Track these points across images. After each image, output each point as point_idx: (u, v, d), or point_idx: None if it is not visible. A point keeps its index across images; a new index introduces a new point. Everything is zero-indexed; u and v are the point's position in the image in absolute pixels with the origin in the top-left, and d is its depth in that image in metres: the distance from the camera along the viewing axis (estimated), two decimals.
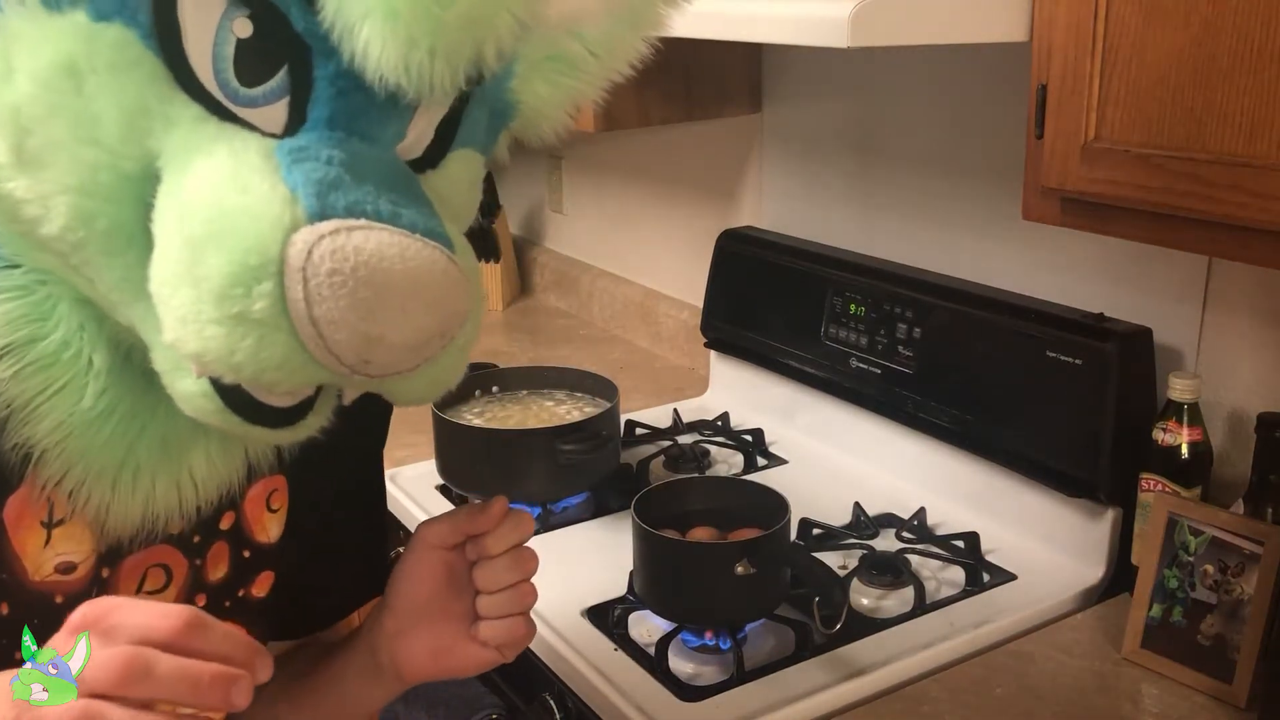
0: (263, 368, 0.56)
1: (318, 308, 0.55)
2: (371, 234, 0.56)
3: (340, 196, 0.56)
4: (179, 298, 0.56)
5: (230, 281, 0.54)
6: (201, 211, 0.56)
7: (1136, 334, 1.31)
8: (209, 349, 0.56)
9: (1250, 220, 0.89)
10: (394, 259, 0.56)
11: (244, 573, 0.79)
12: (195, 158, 0.57)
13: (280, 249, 0.54)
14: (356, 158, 0.59)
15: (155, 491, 0.69)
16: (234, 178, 0.56)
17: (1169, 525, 1.17)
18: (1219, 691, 1.12)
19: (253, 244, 0.54)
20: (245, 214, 0.55)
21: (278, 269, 0.54)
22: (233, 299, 0.54)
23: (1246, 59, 0.87)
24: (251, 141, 0.58)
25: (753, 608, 1.24)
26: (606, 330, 2.39)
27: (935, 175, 1.59)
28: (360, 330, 0.56)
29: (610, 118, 1.72)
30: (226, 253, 0.54)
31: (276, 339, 0.55)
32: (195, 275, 0.55)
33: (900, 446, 1.57)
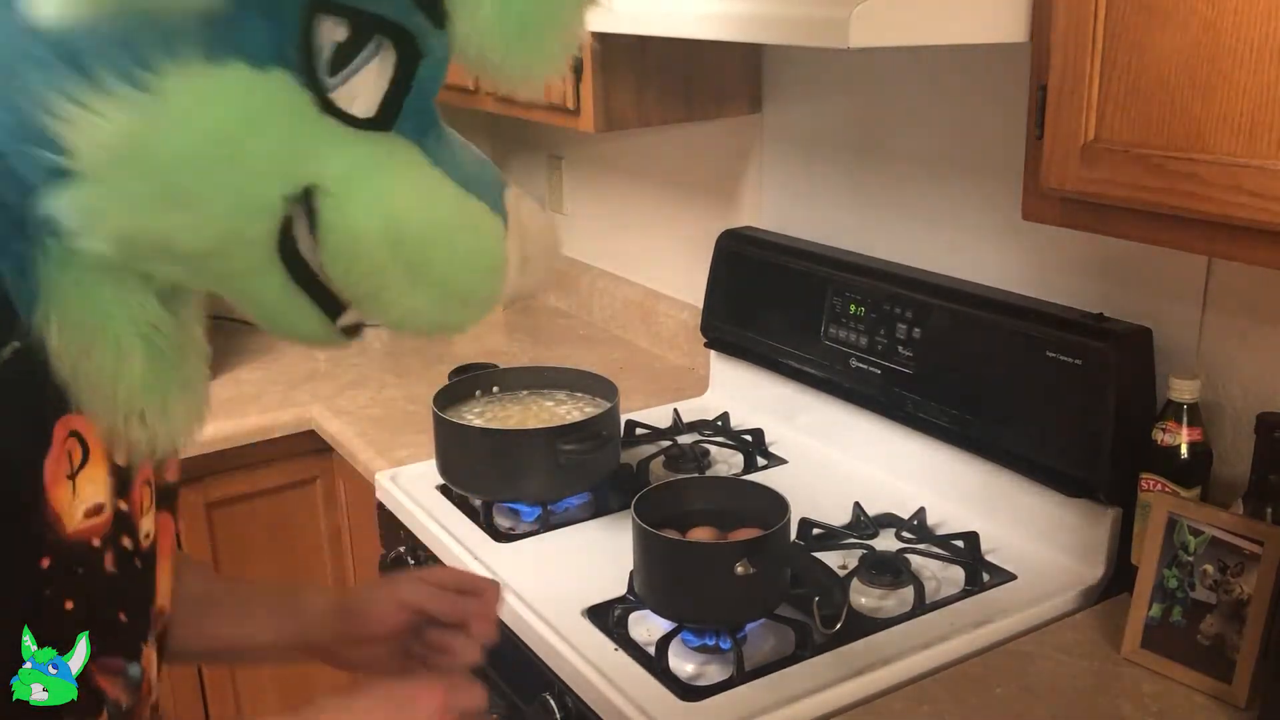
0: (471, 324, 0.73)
1: (526, 281, 0.74)
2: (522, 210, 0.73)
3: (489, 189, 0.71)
4: (414, 298, 0.68)
5: (490, 294, 0.72)
6: (434, 230, 0.68)
7: (1136, 334, 1.31)
8: (442, 329, 0.72)
9: (1250, 220, 0.89)
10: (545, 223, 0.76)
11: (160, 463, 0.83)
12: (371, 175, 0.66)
13: (503, 252, 0.71)
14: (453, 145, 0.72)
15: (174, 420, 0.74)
16: (436, 195, 0.68)
17: (1169, 525, 1.17)
18: (1218, 691, 1.12)
19: (495, 261, 0.71)
20: (477, 231, 0.70)
21: (504, 265, 0.72)
22: (478, 297, 0.71)
23: (1246, 59, 0.87)
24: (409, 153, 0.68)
25: (753, 608, 1.24)
26: (606, 330, 2.39)
27: (935, 175, 1.59)
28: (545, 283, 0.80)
29: (610, 118, 1.72)
30: (479, 268, 0.70)
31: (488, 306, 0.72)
32: (444, 289, 0.69)
33: (900, 446, 1.57)
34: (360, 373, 2.15)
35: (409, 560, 1.58)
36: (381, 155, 0.66)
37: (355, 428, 1.88)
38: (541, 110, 1.82)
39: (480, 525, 1.52)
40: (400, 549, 1.60)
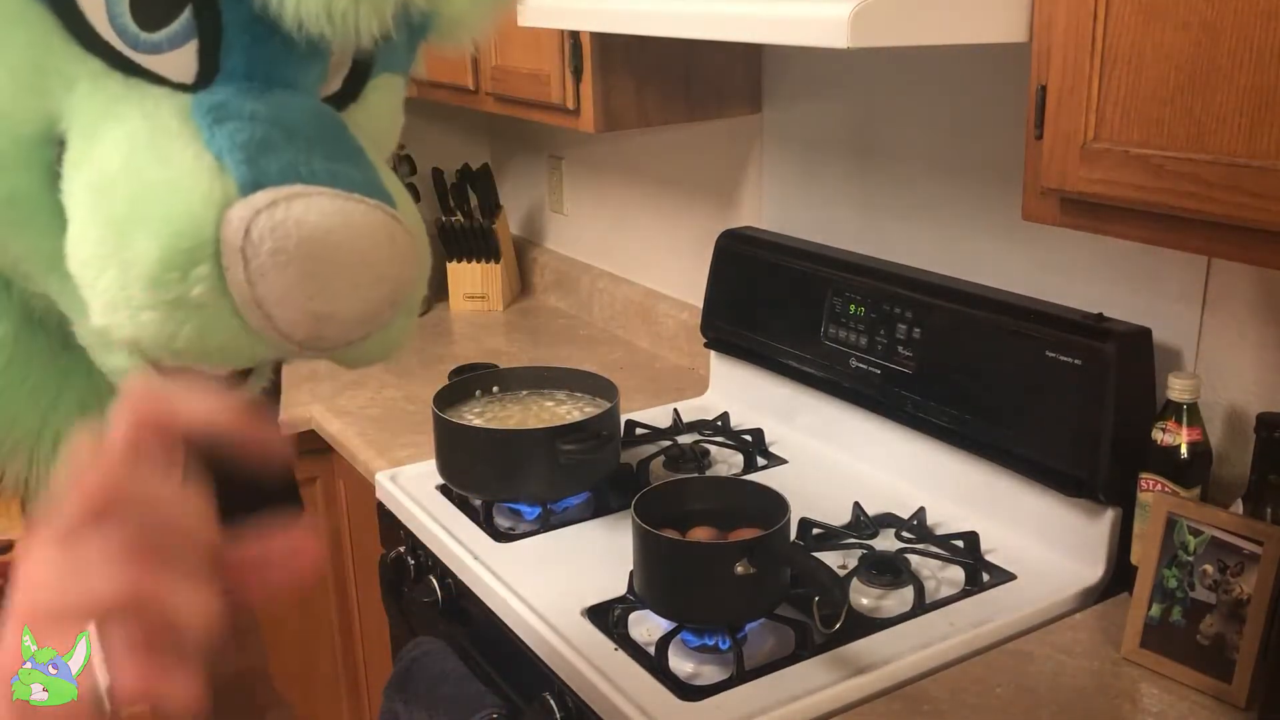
0: (207, 351, 0.53)
1: (262, 288, 0.51)
2: (311, 201, 0.52)
3: (272, 160, 0.52)
4: (104, 281, 0.51)
5: (164, 266, 0.50)
6: (121, 188, 0.51)
7: (1136, 334, 1.31)
8: (145, 335, 0.52)
9: (1250, 220, 0.89)
10: (339, 229, 0.52)
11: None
12: (104, 122, 0.53)
13: (214, 228, 0.50)
14: (281, 110, 0.55)
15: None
16: (151, 146, 0.52)
17: (1168, 525, 1.17)
18: (1218, 691, 1.12)
19: (184, 225, 0.50)
20: (171, 190, 0.51)
21: (214, 249, 0.50)
22: (167, 284, 0.50)
23: (1246, 59, 0.87)
24: (164, 101, 0.54)
25: (753, 608, 1.24)
26: (606, 330, 2.39)
27: (935, 175, 1.59)
28: (309, 309, 0.52)
29: (610, 118, 1.72)
30: (155, 235, 0.50)
31: (219, 321, 0.52)
32: (122, 259, 0.50)
33: (900, 446, 1.57)
34: (360, 373, 2.15)
35: (409, 560, 1.58)
36: (130, 107, 0.53)
37: (355, 428, 1.88)
38: (541, 110, 1.82)
39: (480, 525, 1.52)
40: (400, 549, 1.60)
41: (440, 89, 2.14)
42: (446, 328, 2.46)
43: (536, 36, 1.74)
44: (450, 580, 1.49)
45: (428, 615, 1.54)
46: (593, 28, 1.54)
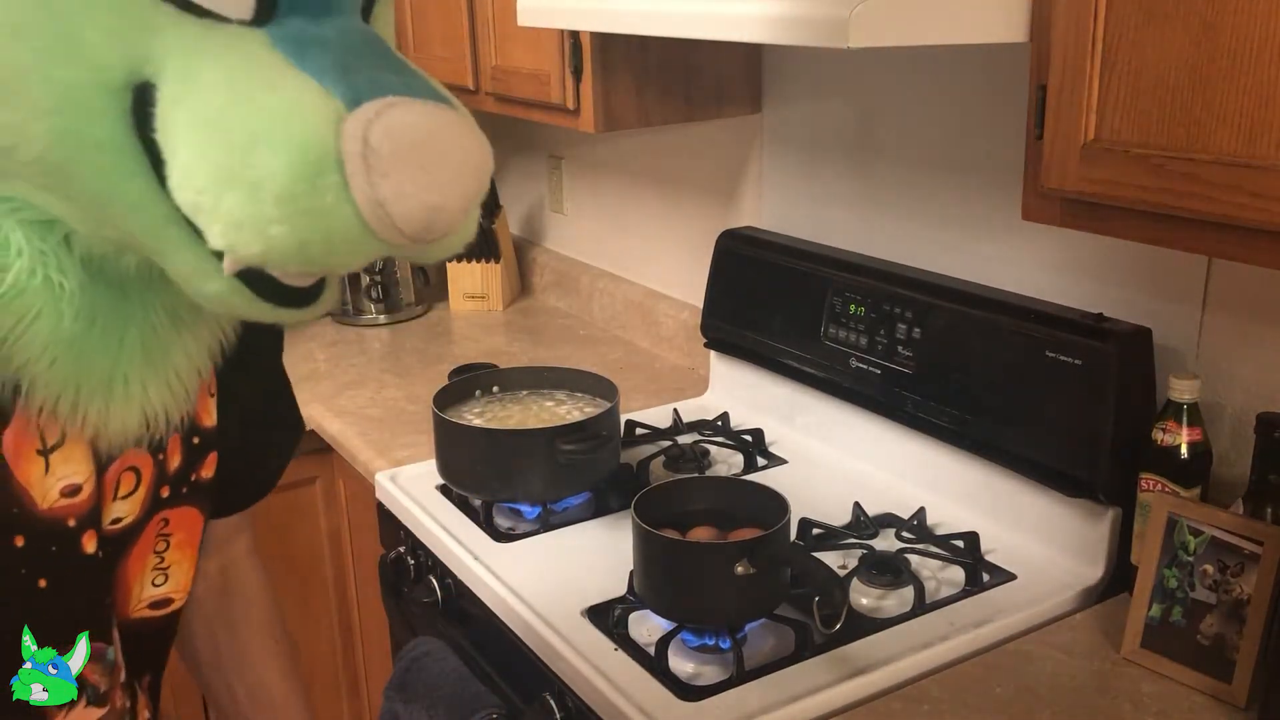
0: (332, 253, 0.58)
1: (384, 188, 0.56)
2: (409, 107, 0.57)
3: (358, 77, 0.57)
4: (228, 203, 0.56)
5: (294, 179, 0.55)
6: (236, 116, 0.56)
7: (1136, 334, 1.31)
8: (274, 247, 0.57)
9: (1250, 220, 0.89)
10: (438, 128, 0.58)
11: (195, 458, 0.82)
12: (194, 62, 0.57)
13: (335, 139, 0.55)
14: (342, 34, 0.60)
15: (149, 395, 0.70)
16: (252, 76, 0.56)
17: (1169, 525, 1.17)
18: (1218, 691, 1.12)
19: (309, 139, 0.55)
20: (288, 110, 0.55)
21: (337, 159, 0.55)
22: (298, 196, 0.55)
23: (1246, 59, 0.87)
24: (244, 39, 0.58)
25: (753, 608, 1.24)
26: (606, 330, 2.39)
27: (935, 175, 1.59)
28: (424, 201, 0.58)
29: (610, 118, 1.72)
30: (283, 153, 0.55)
31: (344, 224, 0.57)
32: (249, 179, 0.55)
33: (900, 446, 1.57)
34: (360, 373, 2.15)
35: (409, 560, 1.58)
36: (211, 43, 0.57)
37: (355, 428, 1.88)
38: (541, 110, 1.82)
39: (480, 525, 1.52)
40: (400, 549, 1.60)
41: None
42: (446, 328, 2.46)
43: (536, 36, 1.74)
44: (450, 580, 1.49)
45: (428, 615, 1.54)
46: (593, 28, 1.54)
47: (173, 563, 0.83)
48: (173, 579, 0.84)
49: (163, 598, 0.84)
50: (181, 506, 0.82)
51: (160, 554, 0.82)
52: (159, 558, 0.82)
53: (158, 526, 0.81)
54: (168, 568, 0.83)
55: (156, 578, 0.82)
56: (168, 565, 0.83)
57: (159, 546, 0.82)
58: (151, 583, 0.82)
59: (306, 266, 0.59)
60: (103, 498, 0.73)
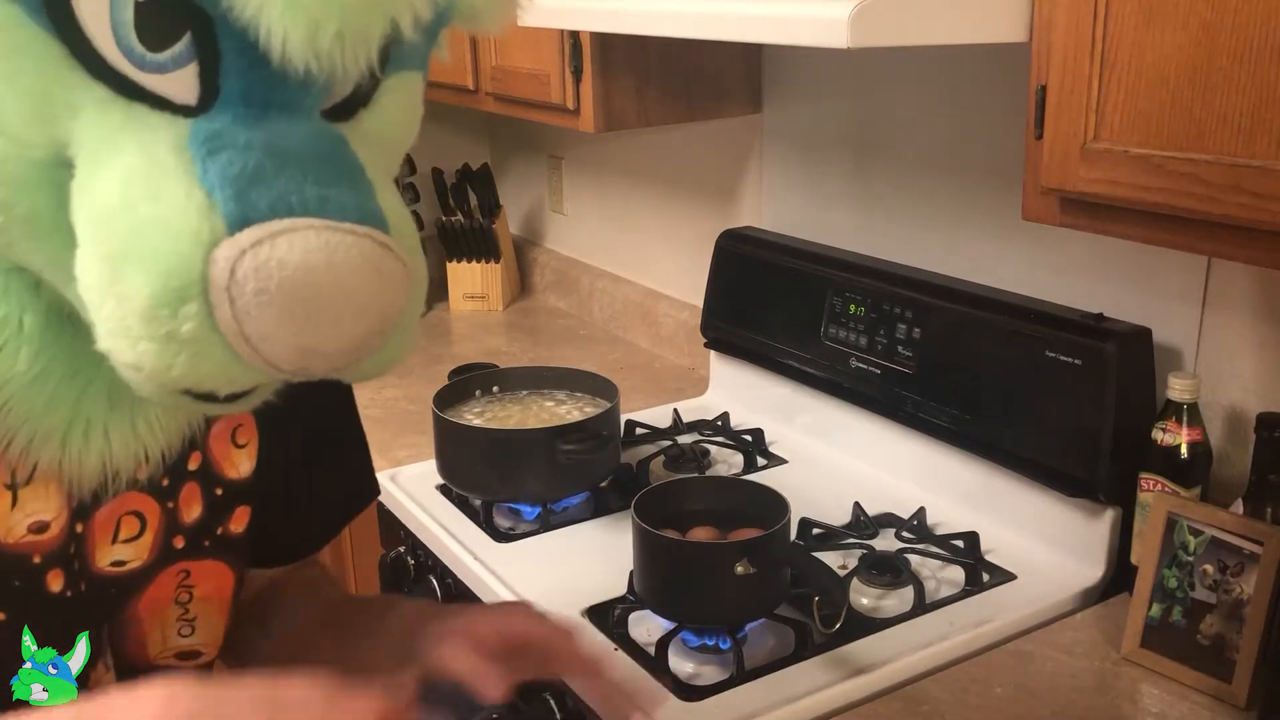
0: (201, 379, 0.55)
1: (248, 326, 0.53)
2: (296, 238, 0.53)
3: (262, 193, 0.53)
4: (105, 310, 0.54)
5: (154, 303, 0.52)
6: (118, 223, 0.53)
7: (1136, 334, 1.31)
8: (144, 363, 0.54)
9: (1250, 220, 0.89)
10: (321, 266, 0.53)
11: (219, 511, 0.80)
12: (105, 151, 0.54)
13: (202, 267, 0.52)
14: (277, 136, 0.56)
15: (110, 444, 0.68)
16: (146, 180, 0.53)
17: (1168, 525, 1.17)
18: (1218, 691, 1.12)
19: (173, 265, 0.52)
20: (162, 229, 0.52)
21: (201, 288, 0.52)
22: (159, 320, 0.52)
23: (1246, 59, 0.87)
24: (163, 131, 0.55)
25: (753, 608, 1.24)
26: (606, 330, 2.39)
27: (935, 175, 1.59)
28: (295, 344, 0.55)
29: (610, 118, 1.72)
30: (147, 274, 0.52)
31: (211, 354, 0.54)
32: (118, 292, 0.53)
33: (900, 446, 1.57)
34: None
35: (409, 560, 1.58)
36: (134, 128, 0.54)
37: None
38: (541, 110, 1.82)
39: (480, 525, 1.52)
40: (400, 549, 1.60)
41: (440, 89, 2.14)
42: (446, 328, 2.46)
43: (536, 36, 1.74)
44: (450, 580, 1.49)
45: None
46: (593, 28, 1.54)
47: (199, 615, 0.81)
48: (200, 631, 0.81)
49: (190, 649, 0.81)
50: (205, 560, 0.79)
51: (184, 604, 0.79)
52: (182, 608, 0.80)
53: (177, 578, 0.78)
54: (193, 619, 0.80)
55: (183, 629, 0.80)
56: (193, 617, 0.80)
57: (181, 597, 0.79)
58: (178, 633, 0.80)
59: (179, 386, 0.56)
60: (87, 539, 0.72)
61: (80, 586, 0.72)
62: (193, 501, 0.78)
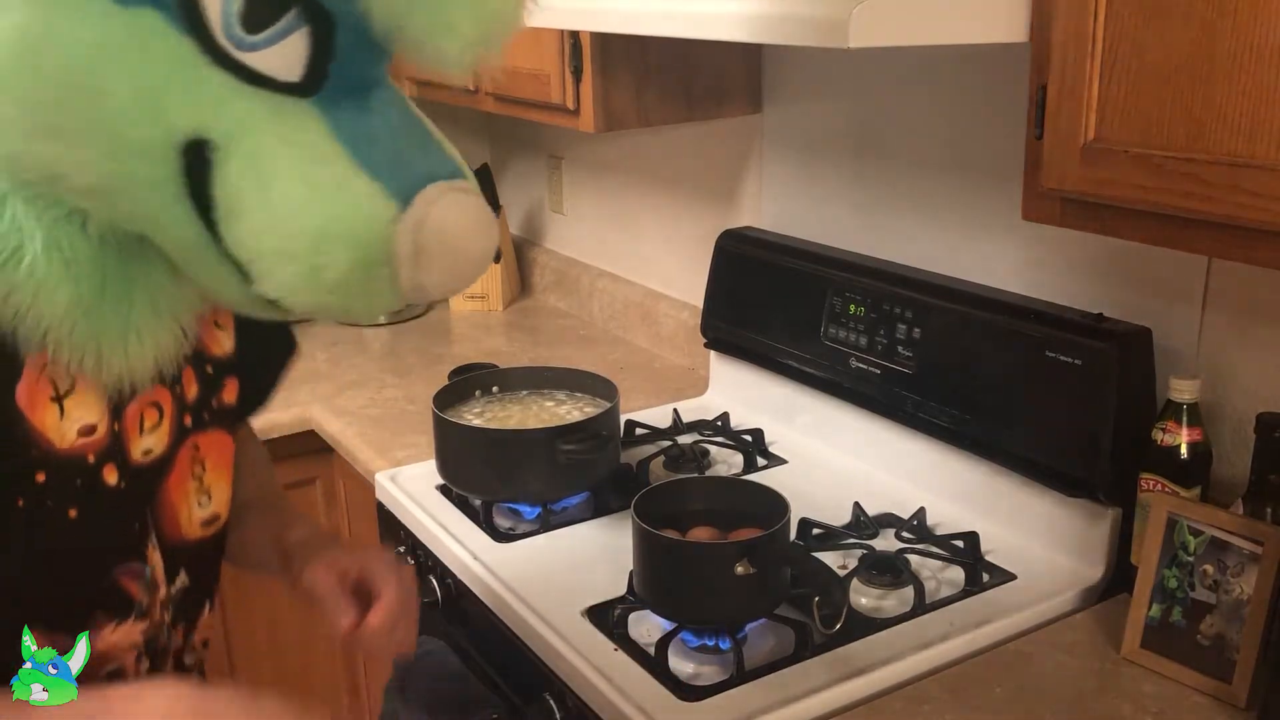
0: (372, 316, 0.74)
1: (424, 277, 0.68)
2: (445, 204, 0.68)
3: (408, 172, 0.68)
4: (287, 272, 0.66)
5: (354, 269, 0.66)
6: (310, 207, 0.65)
7: (1136, 334, 1.31)
8: (321, 309, 0.69)
9: (1250, 220, 0.89)
10: (467, 222, 0.70)
11: (212, 385, 0.90)
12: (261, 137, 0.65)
13: (388, 241, 0.66)
14: (387, 115, 0.70)
15: (160, 343, 0.77)
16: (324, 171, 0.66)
17: (1169, 525, 1.17)
18: (1218, 691, 1.12)
19: (371, 240, 0.66)
20: (354, 211, 0.66)
21: (390, 255, 0.67)
22: (355, 282, 0.67)
23: (1246, 59, 0.87)
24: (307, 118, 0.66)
25: (753, 608, 1.24)
26: (606, 330, 2.39)
27: (935, 175, 1.59)
28: (452, 285, 0.72)
29: (610, 118, 1.72)
30: (348, 249, 0.65)
31: (387, 298, 0.69)
32: (313, 263, 0.65)
33: (900, 446, 1.57)
34: (360, 373, 2.15)
35: (409, 560, 1.58)
36: (271, 116, 0.66)
37: (355, 428, 1.88)
38: (541, 110, 1.82)
39: (480, 525, 1.52)
40: (400, 549, 1.60)
41: (440, 89, 2.14)
42: (446, 328, 2.46)
43: (536, 36, 1.74)
44: (450, 580, 1.49)
45: (428, 615, 1.53)
46: (593, 28, 1.54)
47: (212, 483, 0.91)
48: (215, 498, 0.91)
49: (210, 516, 0.91)
50: (208, 431, 0.89)
51: (199, 478, 0.89)
52: (199, 481, 0.89)
53: (190, 453, 0.88)
54: (209, 489, 0.90)
55: (201, 499, 0.90)
56: (209, 486, 0.90)
57: (196, 471, 0.89)
58: (198, 504, 0.89)
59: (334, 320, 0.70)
60: (124, 434, 0.80)
61: (126, 481, 0.80)
62: (191, 381, 0.87)
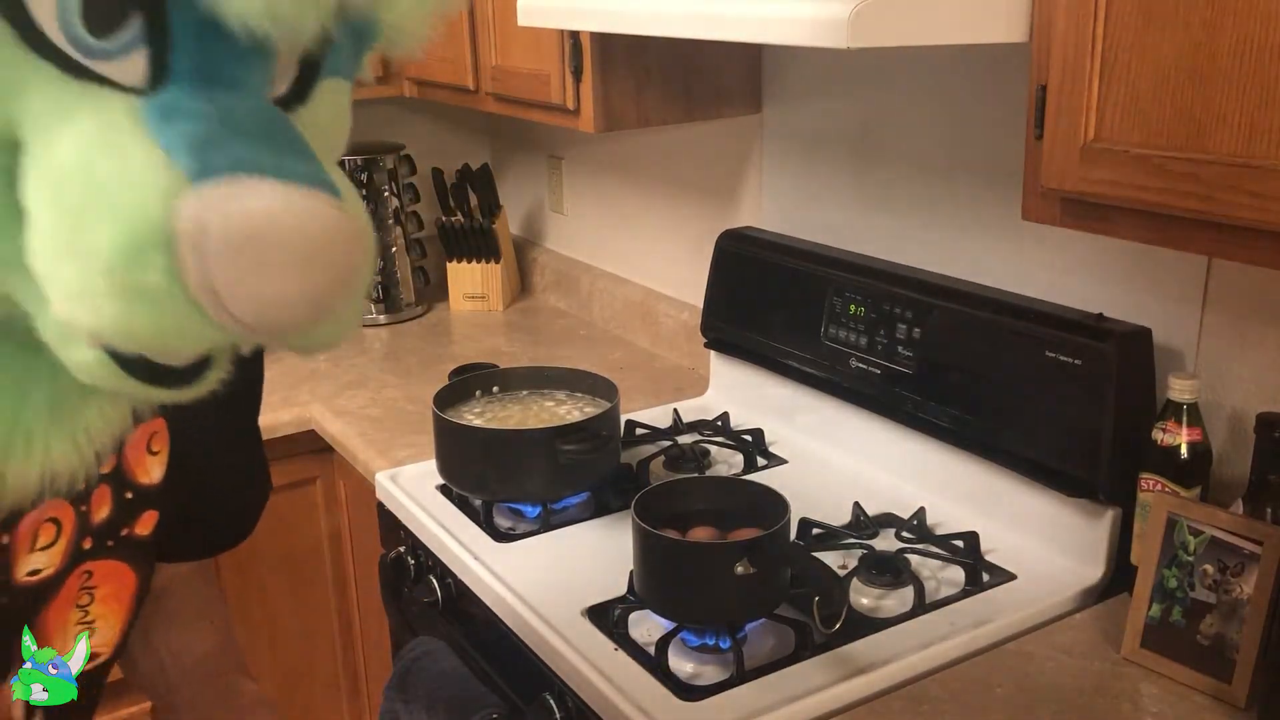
0: (164, 336, 0.55)
1: (216, 276, 0.52)
2: (259, 191, 0.53)
3: (220, 154, 0.54)
4: (64, 272, 0.53)
5: (120, 253, 0.52)
6: (75, 181, 0.53)
7: (1136, 334, 1.31)
8: (105, 323, 0.53)
9: (1250, 221, 0.89)
10: (284, 216, 0.53)
11: (126, 513, 0.80)
12: (58, 123, 0.54)
13: (166, 217, 0.52)
14: (228, 109, 0.56)
15: (51, 453, 0.68)
16: (104, 143, 0.53)
17: (1168, 525, 1.17)
18: (1218, 691, 1.12)
19: (138, 214, 0.52)
20: (124, 181, 0.53)
21: (167, 238, 0.52)
22: (125, 270, 0.52)
23: (1246, 59, 0.87)
24: (116, 101, 0.55)
25: (753, 608, 1.24)
26: (606, 330, 2.39)
27: (935, 175, 1.59)
28: (261, 293, 0.54)
29: (610, 118, 1.72)
30: (110, 223, 0.52)
31: (175, 307, 0.53)
32: (79, 249, 0.52)
33: (900, 446, 1.57)
34: (360, 373, 2.15)
35: (409, 560, 1.58)
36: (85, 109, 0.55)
37: (355, 428, 1.88)
38: (541, 110, 1.82)
39: (480, 525, 1.52)
40: (400, 549, 1.60)
41: (440, 89, 2.14)
42: (446, 328, 2.46)
43: (536, 36, 1.74)
44: (450, 580, 1.49)
45: (428, 615, 1.54)
46: (593, 28, 1.54)
47: (98, 617, 0.81)
48: (99, 634, 0.81)
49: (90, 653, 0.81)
50: (107, 560, 0.80)
51: (84, 608, 0.80)
52: (82, 611, 0.80)
53: (80, 579, 0.78)
54: (93, 621, 0.81)
55: (80, 631, 0.80)
56: (93, 620, 0.81)
57: (81, 600, 0.79)
58: (74, 637, 0.79)
59: (140, 348, 0.56)
60: (12, 548, 0.72)
61: (3, 600, 0.72)
62: (103, 503, 0.78)
